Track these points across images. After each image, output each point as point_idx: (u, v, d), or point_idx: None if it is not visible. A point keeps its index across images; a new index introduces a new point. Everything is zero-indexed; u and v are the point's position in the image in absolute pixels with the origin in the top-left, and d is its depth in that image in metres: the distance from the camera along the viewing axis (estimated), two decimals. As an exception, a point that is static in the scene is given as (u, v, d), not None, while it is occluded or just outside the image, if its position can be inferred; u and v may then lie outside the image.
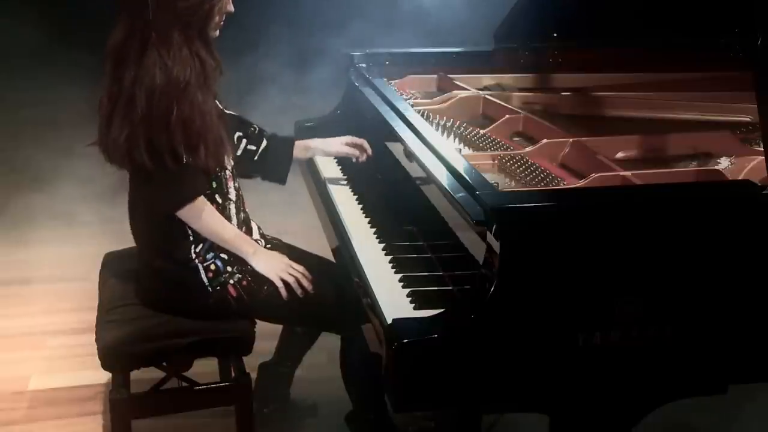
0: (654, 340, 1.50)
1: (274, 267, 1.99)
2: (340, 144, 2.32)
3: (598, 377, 1.52)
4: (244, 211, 2.10)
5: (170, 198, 1.89)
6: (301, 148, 2.33)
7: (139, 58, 1.81)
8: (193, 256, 1.95)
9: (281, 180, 2.29)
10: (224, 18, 1.96)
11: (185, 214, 1.91)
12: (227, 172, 2.01)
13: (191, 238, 1.95)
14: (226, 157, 1.98)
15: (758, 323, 1.55)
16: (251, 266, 1.99)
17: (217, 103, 1.99)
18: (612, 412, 1.57)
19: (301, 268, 2.01)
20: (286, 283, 1.97)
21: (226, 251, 1.98)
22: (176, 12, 1.82)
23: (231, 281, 1.97)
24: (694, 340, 1.53)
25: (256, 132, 2.24)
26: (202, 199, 1.92)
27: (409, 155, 1.93)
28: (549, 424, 1.59)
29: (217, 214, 1.96)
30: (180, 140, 1.81)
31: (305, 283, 1.99)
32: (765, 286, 1.53)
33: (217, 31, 1.96)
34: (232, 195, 2.03)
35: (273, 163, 2.26)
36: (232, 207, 2.02)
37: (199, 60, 1.87)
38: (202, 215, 1.92)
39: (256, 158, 2.22)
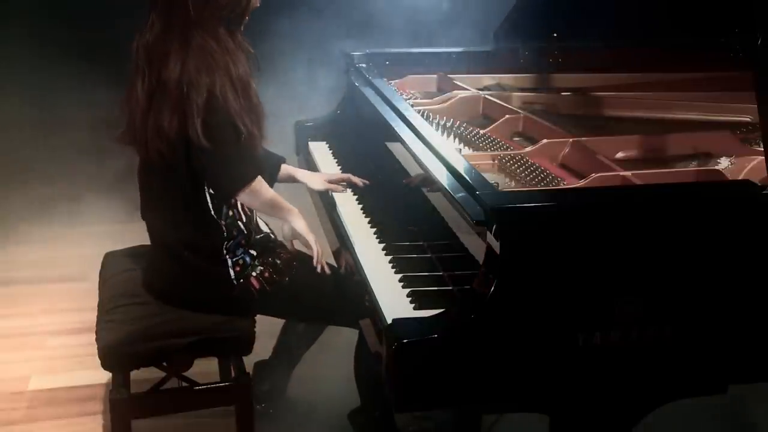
0: (654, 340, 1.50)
1: (309, 229, 2.07)
2: (323, 182, 2.31)
3: (598, 377, 1.52)
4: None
5: (236, 178, 1.95)
6: (288, 171, 2.33)
7: (184, 54, 1.86)
8: (225, 251, 1.98)
9: None
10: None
11: (247, 193, 1.97)
12: None
13: (225, 234, 1.98)
14: None
15: (758, 323, 1.55)
16: (271, 258, 2.03)
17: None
18: (612, 412, 1.57)
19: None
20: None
21: (254, 247, 2.02)
22: (218, 8, 1.88)
23: (254, 273, 2.00)
24: (694, 340, 1.53)
25: None
26: (259, 177, 1.99)
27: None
28: (549, 424, 1.59)
29: (267, 185, 2.03)
30: (241, 119, 1.88)
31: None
32: (765, 286, 1.53)
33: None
34: None
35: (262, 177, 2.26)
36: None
37: (242, 51, 1.95)
38: (262, 191, 1.99)
39: None
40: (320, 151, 2.67)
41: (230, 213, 2.00)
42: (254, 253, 2.02)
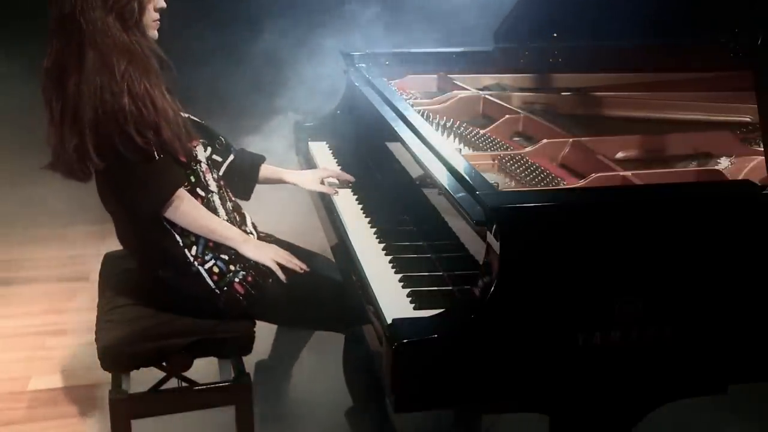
0: (654, 340, 1.50)
1: (265, 252, 2.00)
2: (314, 182, 2.27)
3: (598, 377, 1.52)
4: (231, 200, 2.10)
5: (151, 197, 1.87)
6: (272, 172, 2.30)
7: (80, 61, 1.80)
8: (191, 260, 1.94)
9: (245, 196, 2.26)
10: (159, 16, 1.94)
11: (170, 212, 1.89)
12: (202, 164, 2.01)
13: (181, 243, 1.94)
14: (196, 149, 1.98)
15: (758, 323, 1.55)
16: (252, 261, 1.99)
17: (171, 99, 1.93)
18: (612, 412, 1.57)
19: (287, 252, 2.03)
20: (282, 267, 1.98)
21: (225, 251, 1.98)
22: (105, 3, 1.81)
23: (236, 279, 1.97)
24: (694, 340, 1.53)
25: (224, 144, 2.20)
26: (181, 192, 1.90)
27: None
28: (549, 424, 1.59)
29: (200, 206, 1.95)
30: (137, 130, 1.79)
31: (297, 262, 2.00)
32: (765, 286, 1.53)
33: (155, 30, 1.95)
34: (213, 187, 2.03)
35: (239, 178, 2.23)
36: (216, 198, 2.02)
37: (139, 47, 1.85)
38: (186, 209, 1.90)
39: (221, 172, 2.15)
40: (320, 151, 2.67)
41: None
42: (226, 257, 1.96)
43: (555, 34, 2.72)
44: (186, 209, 1.91)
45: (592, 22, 2.54)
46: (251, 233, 2.10)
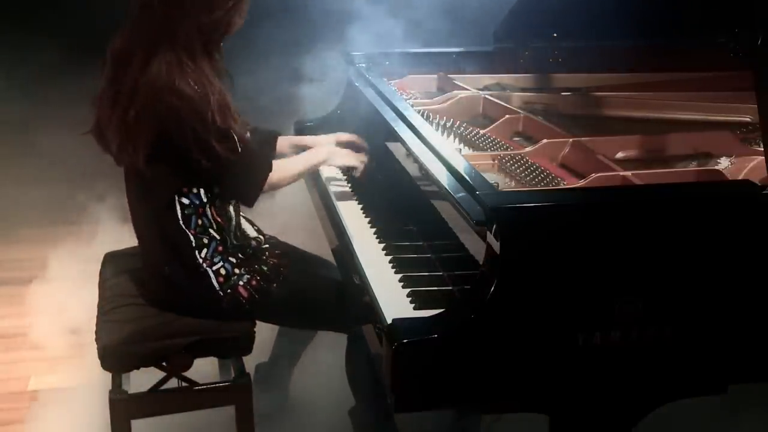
0: (654, 340, 1.50)
1: (349, 155, 2.17)
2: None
3: (598, 377, 1.52)
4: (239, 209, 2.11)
5: (254, 182, 1.95)
6: (288, 143, 2.33)
7: (146, 66, 1.81)
8: (201, 261, 1.94)
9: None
10: None
11: (271, 186, 2.00)
12: None
13: (193, 244, 1.94)
14: None
15: (758, 323, 1.55)
16: (258, 266, 1.99)
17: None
18: (612, 412, 1.57)
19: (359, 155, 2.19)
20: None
21: (234, 255, 1.98)
22: (200, 27, 1.83)
23: (241, 282, 1.96)
24: (694, 340, 1.53)
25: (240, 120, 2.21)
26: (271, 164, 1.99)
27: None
28: (549, 424, 1.59)
29: (280, 163, 2.04)
30: (221, 134, 1.83)
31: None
32: (765, 286, 1.53)
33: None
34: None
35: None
36: (231, 206, 2.03)
37: (218, 73, 1.91)
38: (275, 178, 2.00)
39: None
40: (320, 151, 2.67)
41: (199, 222, 1.93)
42: (234, 260, 1.97)
43: (555, 34, 2.72)
44: (275, 177, 2.00)
45: (591, 22, 2.54)
46: (259, 237, 2.10)
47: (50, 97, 5.49)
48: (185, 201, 1.92)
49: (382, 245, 1.93)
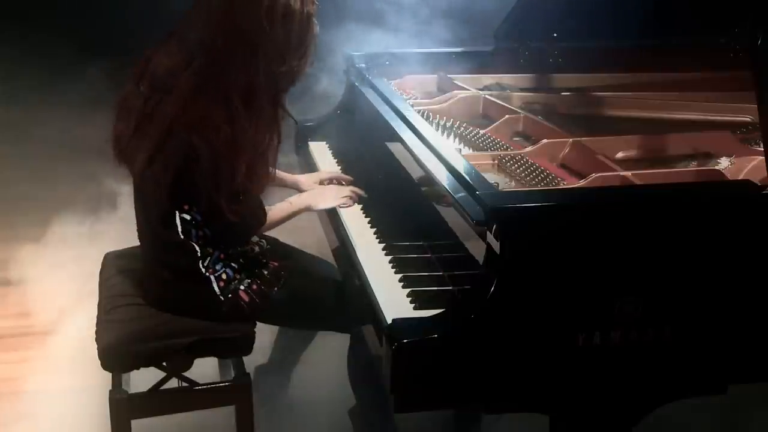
0: (654, 340, 1.50)
1: (330, 197, 2.12)
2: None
3: (599, 377, 1.52)
4: None
5: (248, 229, 1.95)
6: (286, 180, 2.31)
7: (191, 103, 1.74)
8: (203, 270, 1.93)
9: None
10: None
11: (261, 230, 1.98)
12: None
13: (199, 254, 1.92)
14: None
15: (758, 323, 1.55)
16: (259, 270, 1.99)
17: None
18: (612, 412, 1.57)
19: (349, 187, 2.16)
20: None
21: (235, 261, 1.97)
22: (269, 77, 1.77)
23: (242, 287, 1.95)
24: (694, 341, 1.53)
25: None
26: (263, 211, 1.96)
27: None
28: (549, 424, 1.59)
29: (271, 209, 2.01)
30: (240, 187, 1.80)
31: (358, 192, 2.14)
32: (764, 287, 1.53)
33: None
34: None
35: None
36: None
37: (277, 123, 1.85)
38: (270, 221, 1.98)
39: None
40: (320, 151, 2.67)
41: (200, 233, 1.91)
42: (236, 266, 1.96)
43: (555, 34, 2.72)
44: (269, 221, 1.97)
45: (591, 22, 2.54)
46: (261, 241, 2.10)
47: (50, 98, 5.50)
48: (186, 217, 1.90)
49: (382, 245, 1.93)
